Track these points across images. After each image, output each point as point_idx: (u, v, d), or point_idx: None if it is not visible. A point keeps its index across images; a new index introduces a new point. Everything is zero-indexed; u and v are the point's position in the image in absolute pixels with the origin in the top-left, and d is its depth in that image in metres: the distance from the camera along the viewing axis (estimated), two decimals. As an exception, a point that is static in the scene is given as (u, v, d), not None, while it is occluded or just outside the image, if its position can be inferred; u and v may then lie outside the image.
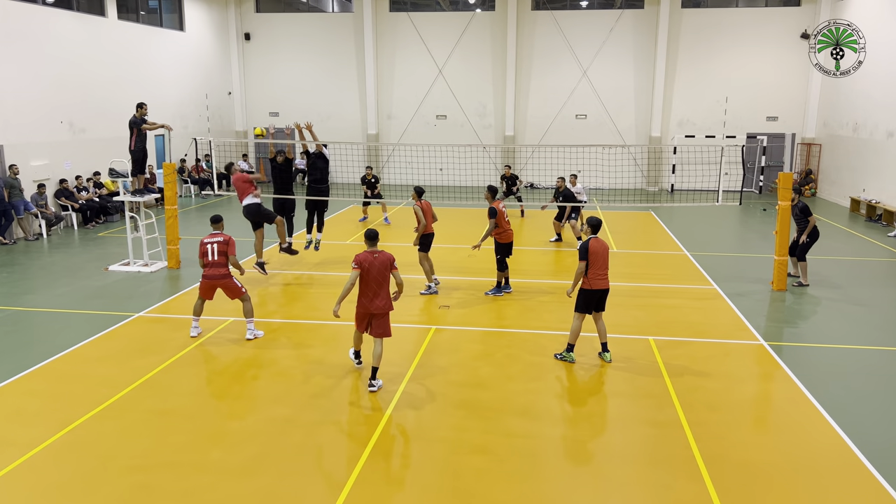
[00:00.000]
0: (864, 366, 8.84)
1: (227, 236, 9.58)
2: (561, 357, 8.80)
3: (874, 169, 20.40)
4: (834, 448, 6.67)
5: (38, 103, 17.07)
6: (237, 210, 22.02)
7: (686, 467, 6.30)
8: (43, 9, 17.34)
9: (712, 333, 9.97)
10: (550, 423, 7.20)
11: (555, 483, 6.09)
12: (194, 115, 24.63)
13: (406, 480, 6.13)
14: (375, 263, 7.70)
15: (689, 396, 7.78)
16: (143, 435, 6.85)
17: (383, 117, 27.55)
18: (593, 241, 8.62)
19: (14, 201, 15.78)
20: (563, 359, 8.77)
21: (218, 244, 9.40)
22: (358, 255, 7.78)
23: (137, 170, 13.42)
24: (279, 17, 27.55)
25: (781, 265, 12.09)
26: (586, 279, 8.60)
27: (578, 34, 26.00)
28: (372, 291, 7.73)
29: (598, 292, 8.65)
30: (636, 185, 26.01)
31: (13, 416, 7.29)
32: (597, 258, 8.54)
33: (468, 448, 6.64)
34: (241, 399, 7.71)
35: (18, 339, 9.70)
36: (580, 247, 8.69)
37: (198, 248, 9.52)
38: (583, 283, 8.65)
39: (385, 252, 7.85)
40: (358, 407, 7.53)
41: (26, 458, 6.35)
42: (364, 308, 7.80)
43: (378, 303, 7.75)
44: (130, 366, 8.57)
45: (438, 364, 8.71)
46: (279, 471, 6.20)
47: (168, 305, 11.22)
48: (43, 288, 12.19)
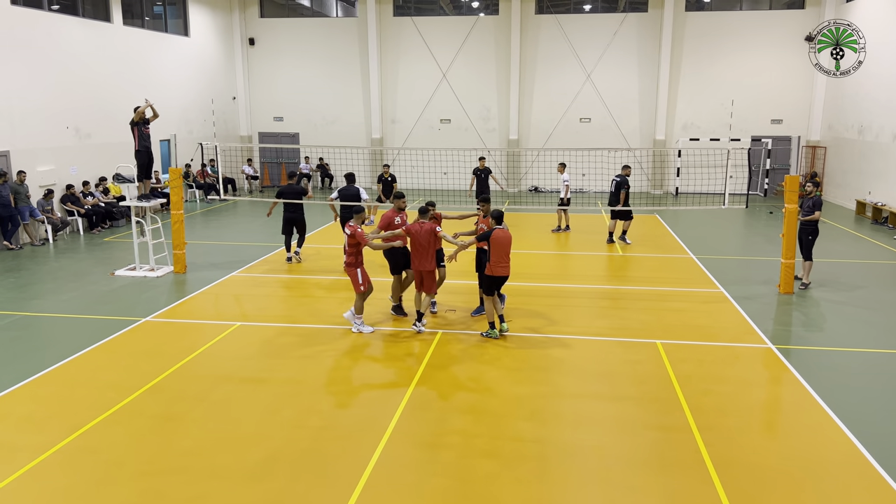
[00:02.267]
0: (873, 368, 8.80)
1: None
2: (486, 335, 9.69)
3: (880, 172, 20.35)
4: (845, 452, 6.63)
5: (44, 109, 17.13)
6: (243, 215, 22.16)
7: (696, 472, 6.27)
8: (49, 15, 17.42)
9: (720, 337, 9.94)
10: (558, 428, 7.18)
11: (564, 487, 6.07)
12: (199, 120, 24.69)
13: (415, 484, 6.11)
14: (422, 231, 9.57)
15: (697, 400, 7.75)
16: (151, 440, 6.85)
17: (387, 121, 27.59)
18: (497, 231, 9.48)
19: (20, 207, 15.82)
20: (489, 335, 9.66)
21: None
22: (408, 225, 9.82)
23: (143, 174, 13.44)
24: (283, 22, 27.63)
25: (788, 268, 12.06)
26: (489, 266, 9.51)
27: (582, 38, 26.02)
28: (420, 254, 9.62)
29: (499, 279, 9.61)
30: (641, 188, 25.99)
31: (22, 421, 7.29)
32: (497, 247, 9.43)
33: (476, 453, 6.62)
34: (249, 404, 7.70)
35: (26, 344, 9.72)
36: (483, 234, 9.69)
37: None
38: (486, 269, 9.56)
39: (428, 223, 9.67)
40: (366, 411, 7.51)
41: (36, 464, 6.35)
42: (415, 266, 9.76)
43: (425, 263, 9.64)
44: (138, 370, 8.58)
45: (445, 368, 8.70)
46: (288, 475, 6.19)
47: (175, 310, 11.22)
48: (50, 293, 12.22)
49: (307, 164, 27.00)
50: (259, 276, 13.33)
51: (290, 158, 28.02)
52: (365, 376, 8.54)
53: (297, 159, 27.73)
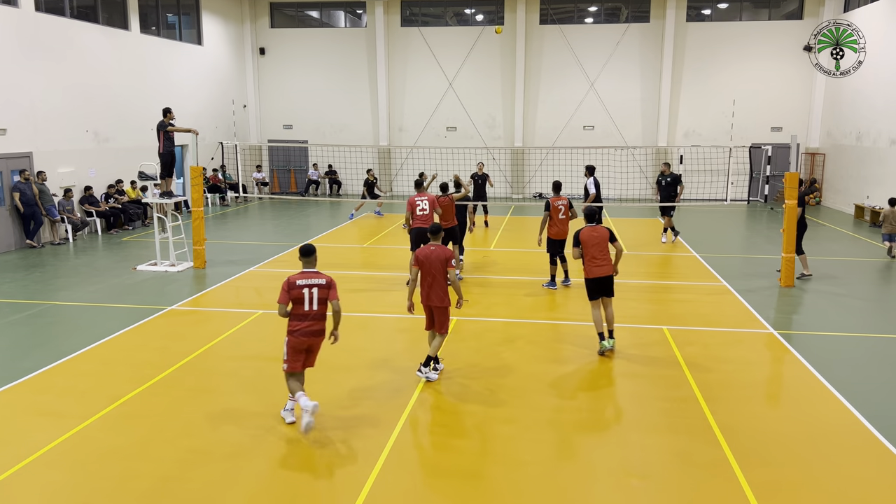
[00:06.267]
0: (869, 350, 9.25)
1: (328, 277, 6.92)
2: (601, 352, 8.84)
3: (877, 177, 20.83)
4: (843, 418, 7.05)
5: (65, 112, 17.66)
6: (256, 218, 22.65)
7: (704, 435, 6.68)
8: (71, 22, 17.98)
9: (724, 323, 10.37)
10: (572, 399, 7.60)
11: (579, 447, 6.49)
12: (210, 127, 25.19)
13: (438, 445, 6.52)
14: (432, 258, 7.87)
15: (703, 377, 8.17)
16: (189, 408, 7.27)
17: (395, 129, 28.13)
18: (586, 229, 8.93)
19: (47, 206, 16.34)
20: (602, 351, 8.83)
21: (319, 289, 6.80)
22: (416, 252, 8.05)
23: (165, 173, 13.95)
24: (293, 32, 28.24)
25: (789, 262, 12.49)
26: (585, 268, 8.91)
27: (585, 48, 26.62)
28: (429, 285, 7.92)
29: (596, 280, 8.86)
30: (643, 194, 26.47)
31: (65, 392, 7.72)
32: (589, 247, 8.82)
33: (496, 420, 7.04)
34: (277, 379, 8.08)
35: (61, 328, 10.16)
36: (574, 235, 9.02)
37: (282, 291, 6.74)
38: (584, 273, 8.96)
39: (442, 247, 7.97)
40: (389, 384, 7.92)
41: (82, 427, 6.77)
42: (424, 300, 8.00)
43: (432, 295, 7.92)
44: (169, 351, 9.01)
45: (462, 350, 9.12)
46: (320, 436, 6.60)
47: (198, 300, 11.67)
48: (76, 286, 12.66)
49: (315, 171, 27.52)
50: (277, 272, 13.76)
51: (298, 165, 28.53)
52: (385, 358, 8.94)
53: (305, 166, 28.24)
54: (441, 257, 7.87)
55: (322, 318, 6.83)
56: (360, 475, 5.90)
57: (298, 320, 6.73)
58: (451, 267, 7.91)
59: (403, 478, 5.90)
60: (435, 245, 8.00)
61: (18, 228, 16.19)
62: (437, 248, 7.94)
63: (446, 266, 7.87)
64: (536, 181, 27.26)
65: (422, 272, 7.94)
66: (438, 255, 7.88)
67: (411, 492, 5.70)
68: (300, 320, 6.73)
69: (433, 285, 7.92)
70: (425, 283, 7.95)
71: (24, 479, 5.85)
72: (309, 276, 6.80)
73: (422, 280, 7.97)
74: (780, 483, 5.80)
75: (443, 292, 7.93)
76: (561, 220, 12.29)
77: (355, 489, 5.68)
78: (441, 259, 7.86)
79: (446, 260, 7.89)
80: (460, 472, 6.00)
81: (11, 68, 15.98)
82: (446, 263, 7.88)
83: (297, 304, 6.73)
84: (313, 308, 6.74)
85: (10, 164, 15.99)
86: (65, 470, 6.03)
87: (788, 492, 5.68)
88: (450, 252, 7.99)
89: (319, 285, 6.77)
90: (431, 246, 7.99)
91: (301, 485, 5.80)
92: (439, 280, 7.89)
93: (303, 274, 6.82)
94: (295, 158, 28.75)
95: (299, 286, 6.73)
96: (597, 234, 8.86)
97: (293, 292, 6.71)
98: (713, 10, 26.55)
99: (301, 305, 6.72)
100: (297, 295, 6.71)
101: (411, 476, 5.96)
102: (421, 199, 12.23)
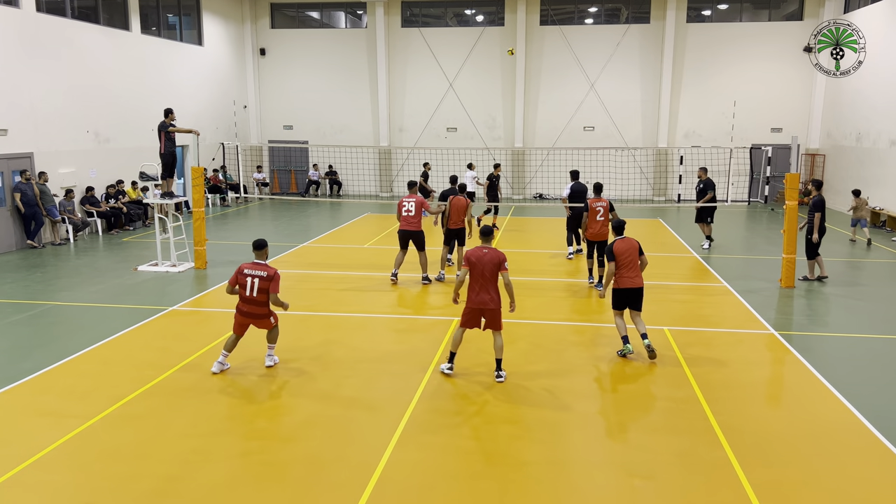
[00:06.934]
0: (870, 351, 9.25)
1: (271, 270, 8.05)
2: (621, 353, 8.85)
3: (877, 177, 20.85)
4: (844, 418, 7.07)
5: (66, 113, 17.66)
6: (256, 218, 22.67)
7: (706, 436, 6.69)
8: (72, 22, 17.99)
9: (724, 324, 10.39)
10: (573, 400, 7.61)
11: (580, 447, 6.50)
12: (211, 127, 25.20)
13: (440, 445, 6.52)
14: (484, 259, 7.81)
15: (705, 378, 8.18)
16: (191, 408, 7.27)
17: (395, 130, 28.14)
18: (619, 241, 8.83)
19: (48, 207, 16.35)
20: (623, 353, 8.82)
21: (260, 280, 8.00)
22: (468, 252, 7.99)
23: (166, 173, 13.96)
24: (293, 32, 28.25)
25: (790, 263, 12.50)
26: (615, 279, 8.81)
27: (586, 48, 26.64)
28: (478, 285, 7.83)
29: (625, 291, 8.78)
30: (643, 195, 26.50)
31: (66, 393, 7.72)
32: (623, 259, 8.74)
33: (499, 419, 7.05)
34: (281, 378, 8.12)
35: (62, 328, 10.17)
36: (606, 248, 8.91)
37: (231, 276, 8.19)
38: (613, 283, 8.87)
39: (495, 250, 7.92)
40: (390, 385, 7.93)
41: (84, 428, 6.78)
42: (473, 304, 7.89)
43: (484, 297, 7.84)
44: (171, 351, 9.01)
45: (464, 351, 9.11)
46: (322, 437, 6.61)
47: (200, 300, 11.68)
48: (77, 286, 12.66)
49: (316, 171, 27.53)
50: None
51: (299, 165, 28.54)
52: (385, 356, 8.95)
53: (305, 166, 28.25)
54: (494, 260, 7.82)
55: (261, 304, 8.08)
56: (361, 476, 5.91)
57: (241, 301, 8.15)
58: (505, 270, 7.87)
59: (404, 478, 5.90)
60: (487, 248, 7.93)
61: (19, 229, 16.20)
62: (490, 251, 7.88)
63: (499, 269, 7.84)
64: (537, 182, 27.27)
65: (471, 274, 7.88)
66: (491, 257, 7.82)
67: (411, 491, 5.70)
68: (242, 301, 8.15)
69: (485, 287, 7.85)
70: (476, 285, 7.87)
71: (27, 479, 5.86)
72: (255, 267, 8.06)
73: (471, 282, 7.91)
74: (782, 483, 5.81)
75: (496, 294, 7.88)
76: (599, 222, 12.24)
77: (356, 489, 5.68)
78: (494, 262, 7.82)
79: (499, 263, 7.84)
80: (461, 473, 6.01)
81: (12, 69, 15.99)
82: (499, 266, 7.84)
83: (241, 288, 8.08)
84: (252, 294, 8.01)
85: (11, 165, 15.99)
86: (66, 470, 6.03)
87: (790, 492, 5.69)
88: (503, 255, 7.92)
89: (261, 276, 8.00)
90: (484, 248, 7.95)
91: (302, 486, 5.80)
92: (492, 282, 7.84)
93: (253, 264, 8.10)
94: (295, 159, 28.76)
95: (245, 274, 8.06)
96: (629, 246, 8.80)
97: (240, 278, 8.07)
98: (713, 11, 26.57)
99: (244, 290, 8.05)
100: (242, 281, 8.06)
101: (411, 476, 5.96)
102: (408, 200, 12.32)
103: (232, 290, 8.15)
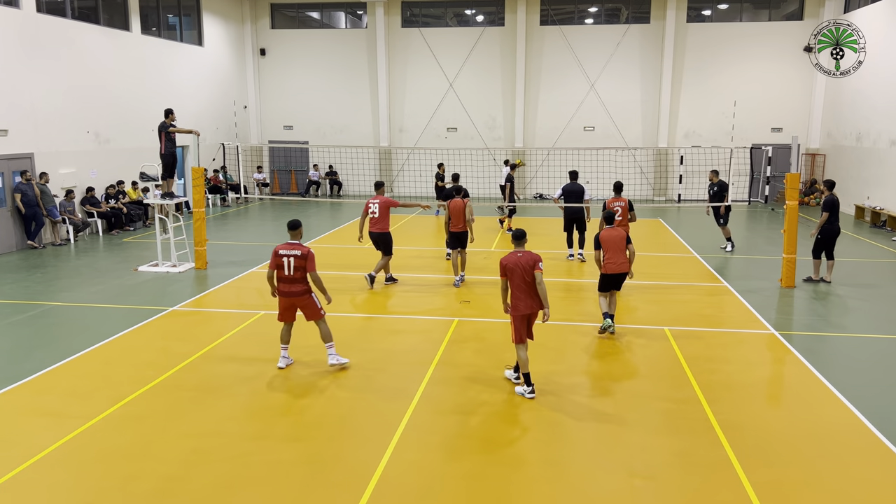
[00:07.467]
0: (871, 351, 9.26)
1: (305, 248, 8.17)
2: (603, 329, 9.67)
3: (878, 177, 20.85)
4: (845, 418, 7.07)
5: (66, 113, 17.67)
6: (256, 218, 22.67)
7: (706, 436, 6.69)
8: (72, 23, 18.00)
9: (725, 324, 10.39)
10: (573, 399, 7.61)
11: (581, 447, 6.50)
12: (211, 128, 25.21)
13: (440, 445, 6.53)
14: (520, 263, 7.54)
15: (705, 378, 8.18)
16: (192, 409, 7.28)
17: (395, 130, 28.14)
18: (605, 231, 9.81)
19: (48, 207, 16.36)
20: (604, 329, 9.66)
21: (295, 258, 8.10)
22: (503, 260, 7.66)
23: (167, 174, 13.96)
24: (293, 33, 28.26)
25: (790, 263, 12.50)
26: (603, 265, 9.71)
27: (586, 48, 26.64)
28: (521, 292, 7.54)
29: (612, 276, 9.70)
30: (644, 195, 26.50)
31: (67, 394, 7.72)
32: (607, 246, 9.66)
33: (499, 419, 7.06)
34: (281, 379, 8.12)
35: (63, 329, 10.17)
36: (594, 238, 9.85)
37: (269, 260, 8.28)
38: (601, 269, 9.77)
39: (529, 252, 7.64)
40: (392, 383, 7.93)
41: (85, 428, 6.78)
42: (520, 310, 7.59)
43: (531, 302, 7.56)
44: (171, 352, 9.02)
45: (463, 350, 9.13)
46: (325, 437, 6.61)
47: (200, 301, 11.68)
48: (77, 287, 12.66)
49: (316, 171, 27.53)
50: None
51: (299, 166, 28.55)
52: (385, 356, 8.95)
53: (305, 167, 28.26)
54: (530, 262, 7.55)
55: (298, 282, 8.16)
56: (361, 476, 5.91)
57: (280, 282, 8.21)
58: (539, 269, 7.54)
59: (404, 478, 5.91)
60: (521, 251, 7.65)
61: (20, 229, 16.20)
62: (524, 255, 7.59)
63: (534, 270, 7.54)
64: (537, 182, 27.27)
65: (512, 281, 7.57)
66: (527, 260, 7.56)
67: (411, 491, 5.70)
68: (281, 282, 8.21)
69: (527, 293, 7.54)
70: (519, 293, 7.55)
71: (28, 479, 5.86)
72: (290, 248, 8.17)
73: (513, 290, 7.60)
74: (783, 483, 5.81)
75: (538, 296, 7.58)
76: (617, 222, 12.13)
77: (356, 489, 5.69)
78: (530, 263, 7.55)
79: (534, 264, 7.56)
80: (462, 473, 6.01)
81: (13, 69, 15.99)
82: (534, 268, 7.54)
83: (279, 269, 8.16)
84: (290, 273, 8.12)
85: (11, 166, 16.00)
86: (68, 470, 6.04)
87: (791, 492, 5.69)
88: (537, 256, 7.65)
89: (295, 255, 8.11)
90: (518, 252, 7.65)
91: (302, 486, 5.80)
92: (533, 285, 7.54)
93: (287, 245, 8.21)
94: (295, 159, 28.76)
95: (280, 255, 8.15)
96: (615, 235, 9.73)
97: (276, 260, 8.18)
98: (713, 10, 26.57)
99: (282, 270, 8.13)
100: (279, 262, 8.16)
101: (411, 476, 5.96)
102: (374, 201, 12.19)
103: (272, 273, 8.24)
